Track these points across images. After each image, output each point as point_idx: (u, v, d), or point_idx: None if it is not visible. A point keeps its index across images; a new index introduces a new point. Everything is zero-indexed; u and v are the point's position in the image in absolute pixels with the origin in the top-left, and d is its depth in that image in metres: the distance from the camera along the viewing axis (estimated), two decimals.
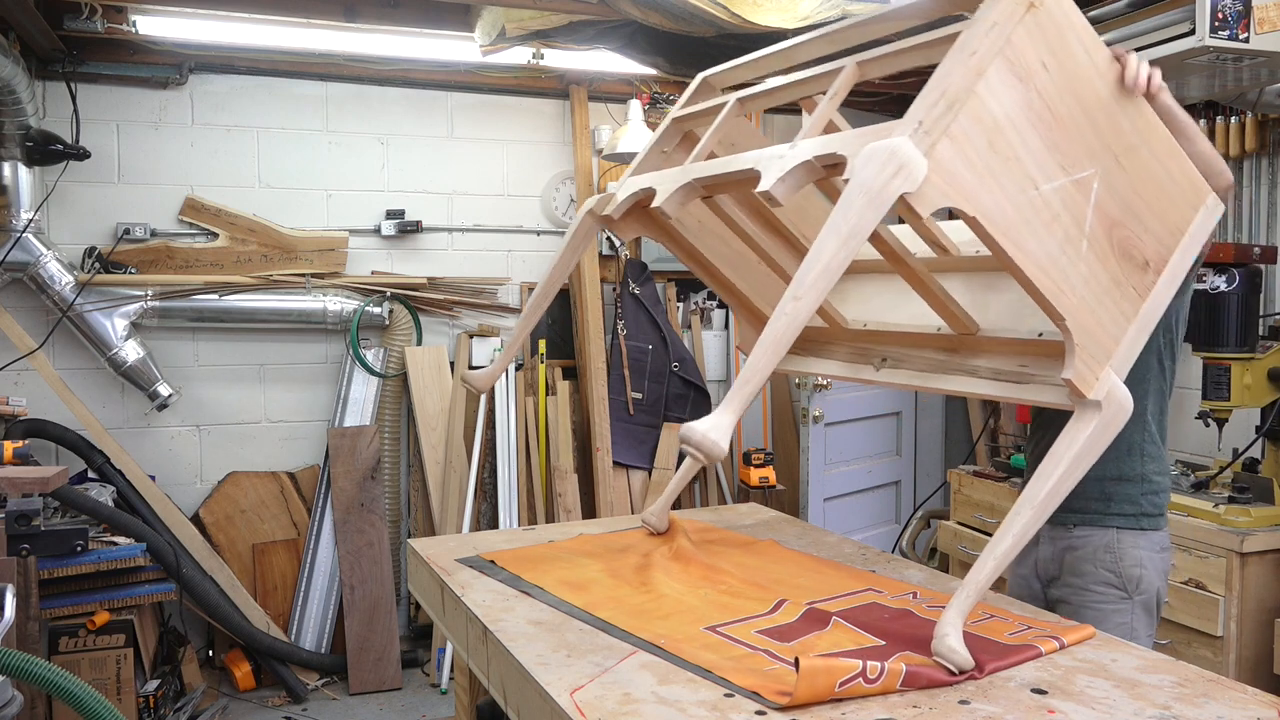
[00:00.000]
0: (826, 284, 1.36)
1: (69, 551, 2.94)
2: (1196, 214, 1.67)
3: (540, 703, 1.51)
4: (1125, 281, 1.60)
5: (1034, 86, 1.46)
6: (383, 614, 4.20)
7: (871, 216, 1.34)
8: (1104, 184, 1.56)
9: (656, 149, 2.15)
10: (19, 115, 3.60)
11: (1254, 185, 3.67)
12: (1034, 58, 1.46)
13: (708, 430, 1.34)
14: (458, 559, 2.22)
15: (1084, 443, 1.57)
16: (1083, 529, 2.13)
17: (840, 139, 1.48)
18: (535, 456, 4.48)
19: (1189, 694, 1.47)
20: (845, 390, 4.66)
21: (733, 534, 2.41)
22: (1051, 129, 1.49)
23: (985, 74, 1.41)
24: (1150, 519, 2.11)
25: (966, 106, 1.40)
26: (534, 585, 2.00)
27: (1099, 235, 1.56)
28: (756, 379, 1.37)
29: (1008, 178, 1.45)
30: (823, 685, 1.41)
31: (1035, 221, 1.48)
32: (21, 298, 3.97)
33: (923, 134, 1.37)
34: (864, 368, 2.06)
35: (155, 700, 3.58)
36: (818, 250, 1.35)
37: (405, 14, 3.91)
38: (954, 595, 1.56)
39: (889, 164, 1.33)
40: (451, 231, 4.62)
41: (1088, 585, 2.11)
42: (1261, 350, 3.16)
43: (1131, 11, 2.79)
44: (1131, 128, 1.59)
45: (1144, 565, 2.09)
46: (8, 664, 1.77)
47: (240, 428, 4.36)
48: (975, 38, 1.41)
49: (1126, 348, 1.61)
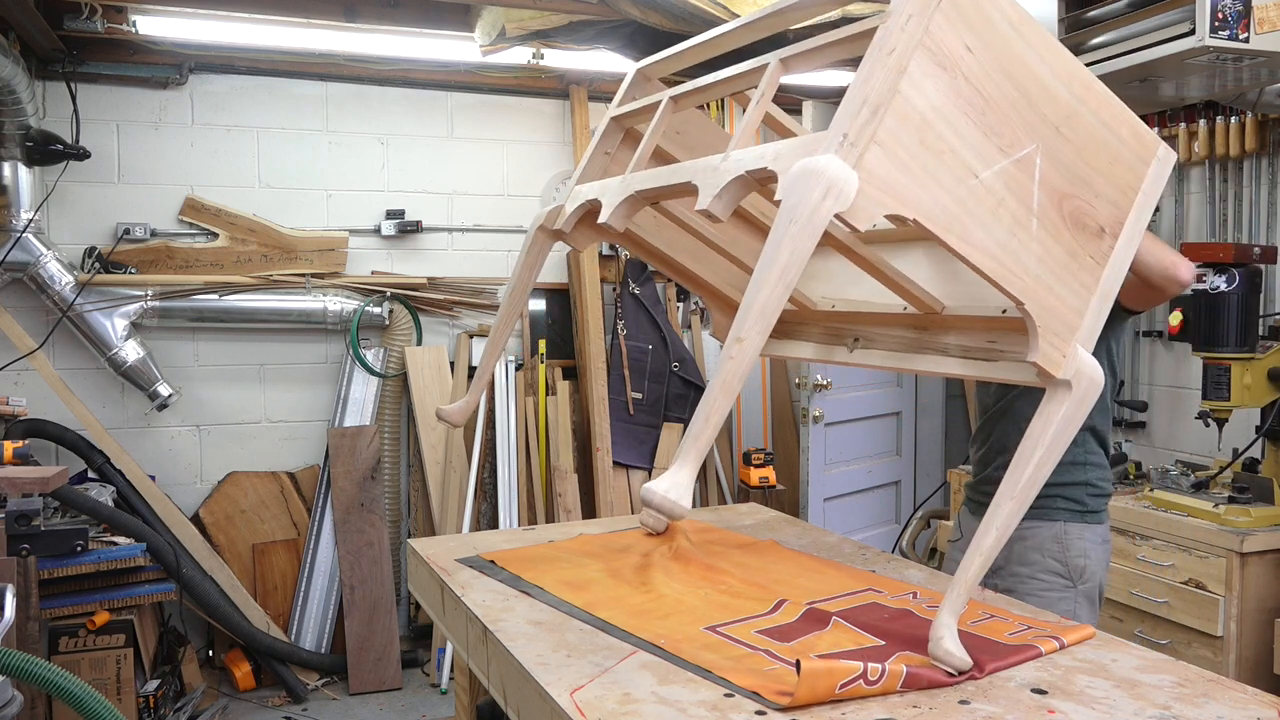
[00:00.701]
0: (768, 321, 1.31)
1: (69, 551, 2.94)
2: (1148, 168, 1.61)
3: (540, 703, 1.51)
4: (1082, 252, 1.55)
5: (960, 73, 1.41)
6: (383, 614, 4.20)
7: (807, 242, 1.30)
8: (1047, 158, 1.51)
9: (599, 151, 2.10)
10: (19, 115, 3.60)
11: (1254, 185, 3.67)
12: (956, 43, 1.40)
13: (667, 491, 1.30)
14: (458, 559, 2.21)
15: (1059, 423, 1.53)
16: (1031, 521, 2.21)
17: (772, 151, 1.43)
18: (535, 456, 4.48)
19: (1189, 694, 1.47)
20: (845, 390, 4.66)
21: (732, 534, 2.41)
22: (984, 113, 1.44)
23: (907, 70, 1.35)
24: (1094, 514, 2.25)
25: (891, 107, 1.35)
26: (534, 585, 2.00)
27: (1049, 211, 1.51)
28: (711, 427, 1.32)
29: (944, 172, 1.40)
30: (823, 687, 1.40)
31: (979, 211, 1.44)
32: (21, 298, 3.97)
33: (849, 147, 1.32)
34: (837, 349, 2.05)
35: (155, 700, 3.58)
36: (756, 286, 1.31)
37: (405, 14, 3.91)
38: (945, 596, 1.56)
39: (817, 186, 1.28)
40: (451, 231, 4.62)
41: (1035, 574, 2.21)
42: (1261, 350, 3.16)
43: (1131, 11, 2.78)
44: (1068, 93, 1.52)
45: (1088, 556, 2.21)
46: (8, 664, 1.77)
47: (240, 428, 4.36)
48: (892, 34, 1.36)
49: (1091, 319, 1.57)
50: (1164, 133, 3.85)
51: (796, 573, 2.07)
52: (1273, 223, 3.64)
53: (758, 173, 1.43)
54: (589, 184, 1.99)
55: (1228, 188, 3.76)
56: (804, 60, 1.60)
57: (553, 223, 2.09)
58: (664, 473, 1.33)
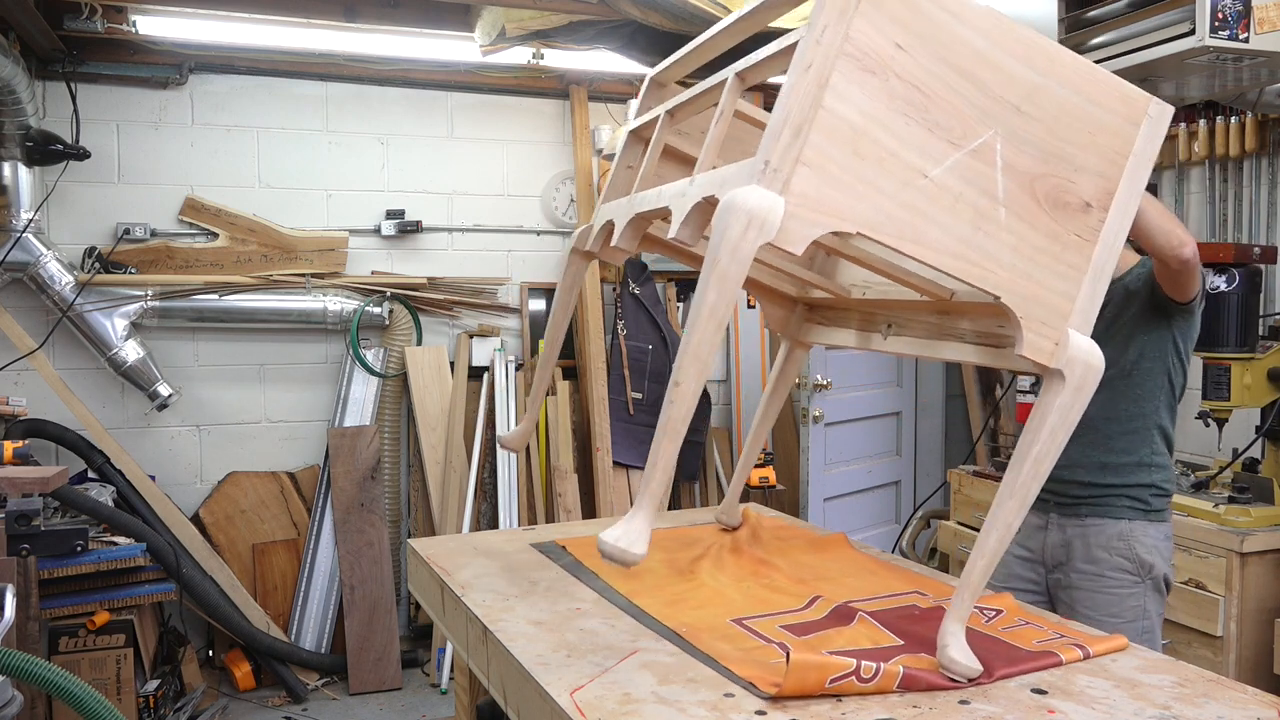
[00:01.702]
0: (704, 363, 1.30)
1: (69, 551, 2.94)
2: (1139, 129, 1.51)
3: (540, 703, 1.51)
4: (1065, 232, 1.48)
5: (892, 73, 1.35)
6: (383, 614, 4.20)
7: (733, 280, 1.28)
8: (1010, 142, 1.43)
9: (622, 165, 2.10)
10: (19, 115, 3.60)
11: (1254, 185, 3.67)
12: (884, 43, 1.34)
13: (618, 540, 1.31)
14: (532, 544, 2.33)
15: (1056, 414, 1.48)
16: (1095, 519, 2.27)
17: (720, 178, 1.41)
18: (535, 456, 4.48)
19: (1189, 694, 1.46)
20: (845, 390, 4.66)
21: (805, 530, 2.46)
22: (927, 110, 1.37)
23: (829, 83, 1.30)
24: (1158, 513, 2.28)
25: (816, 124, 1.30)
26: (590, 572, 2.07)
27: (1018, 196, 1.44)
28: (660, 472, 1.32)
29: (886, 179, 1.35)
30: (812, 680, 1.42)
31: (934, 211, 1.38)
32: (21, 298, 3.96)
33: (772, 174, 1.28)
34: (874, 335, 2.02)
35: (155, 700, 3.58)
36: (689, 329, 1.29)
37: (405, 14, 3.91)
38: (950, 603, 1.55)
39: (736, 221, 1.25)
40: (451, 231, 4.62)
41: (1103, 571, 2.24)
42: (1261, 350, 3.16)
43: (1131, 11, 2.78)
44: (1028, 69, 1.44)
45: (1154, 552, 2.25)
46: (8, 664, 1.77)
47: (240, 428, 4.36)
48: (808, 49, 1.30)
49: (1085, 302, 1.50)
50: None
51: (848, 571, 2.09)
52: (1273, 223, 3.64)
53: (711, 199, 1.41)
54: (610, 203, 2.00)
55: (1228, 188, 3.76)
56: (761, 70, 1.54)
57: (584, 244, 2.11)
58: (618, 521, 1.33)
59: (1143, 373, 2.28)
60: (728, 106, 1.58)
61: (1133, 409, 2.29)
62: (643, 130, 2.05)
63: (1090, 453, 2.28)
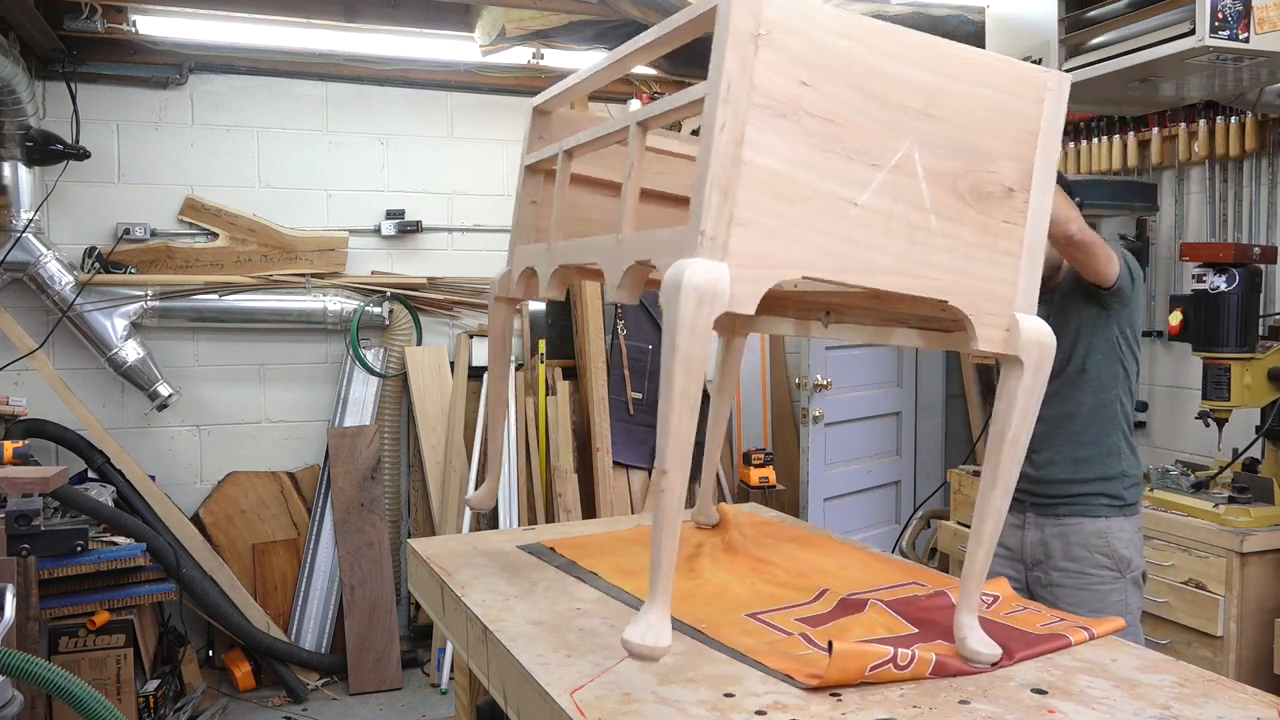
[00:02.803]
0: (686, 448, 1.30)
1: (69, 551, 2.94)
2: (1042, 105, 1.51)
3: (540, 703, 1.51)
4: (995, 221, 1.48)
5: (803, 112, 1.33)
6: (383, 614, 4.20)
7: (697, 361, 1.28)
8: (925, 148, 1.42)
9: (525, 202, 2.09)
10: (19, 115, 3.60)
11: (1254, 185, 3.67)
12: (789, 84, 1.32)
13: (643, 637, 1.31)
14: (519, 545, 2.29)
15: (1021, 398, 1.51)
16: (1073, 517, 2.33)
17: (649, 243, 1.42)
18: (535, 456, 4.48)
19: (1189, 694, 1.47)
20: (845, 390, 4.66)
21: (786, 527, 2.48)
22: (843, 138, 1.36)
23: (745, 139, 1.28)
24: (1131, 506, 2.35)
25: (741, 181, 1.28)
26: (589, 571, 2.07)
27: (944, 199, 1.44)
28: (666, 560, 1.32)
29: (818, 217, 1.35)
30: (854, 668, 1.45)
31: (869, 236, 1.38)
32: (21, 298, 3.97)
33: (709, 242, 1.27)
34: (812, 324, 2.03)
35: (155, 700, 3.58)
36: (664, 417, 1.29)
37: (405, 14, 3.91)
38: (959, 596, 1.59)
39: (688, 299, 1.25)
40: (451, 231, 4.62)
41: (1084, 569, 2.30)
42: (1261, 350, 3.16)
43: (1131, 11, 2.78)
44: (926, 72, 1.42)
45: (1131, 546, 2.32)
46: (8, 664, 1.77)
47: (240, 428, 4.36)
48: (718, 109, 1.28)
49: (1025, 283, 1.51)
50: (1164, 133, 3.85)
51: (845, 565, 2.11)
52: (1273, 223, 3.64)
53: (645, 263, 1.42)
54: (526, 246, 2.00)
55: (1228, 188, 3.76)
56: (661, 119, 1.53)
57: (506, 291, 2.10)
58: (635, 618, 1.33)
59: (1095, 365, 2.35)
60: (637, 160, 1.56)
61: (1093, 400, 2.35)
62: (540, 164, 2.05)
63: (1063, 450, 2.35)
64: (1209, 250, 3.20)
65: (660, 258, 1.37)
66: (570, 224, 2.04)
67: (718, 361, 2.38)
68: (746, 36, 1.29)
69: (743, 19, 1.29)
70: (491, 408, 2.30)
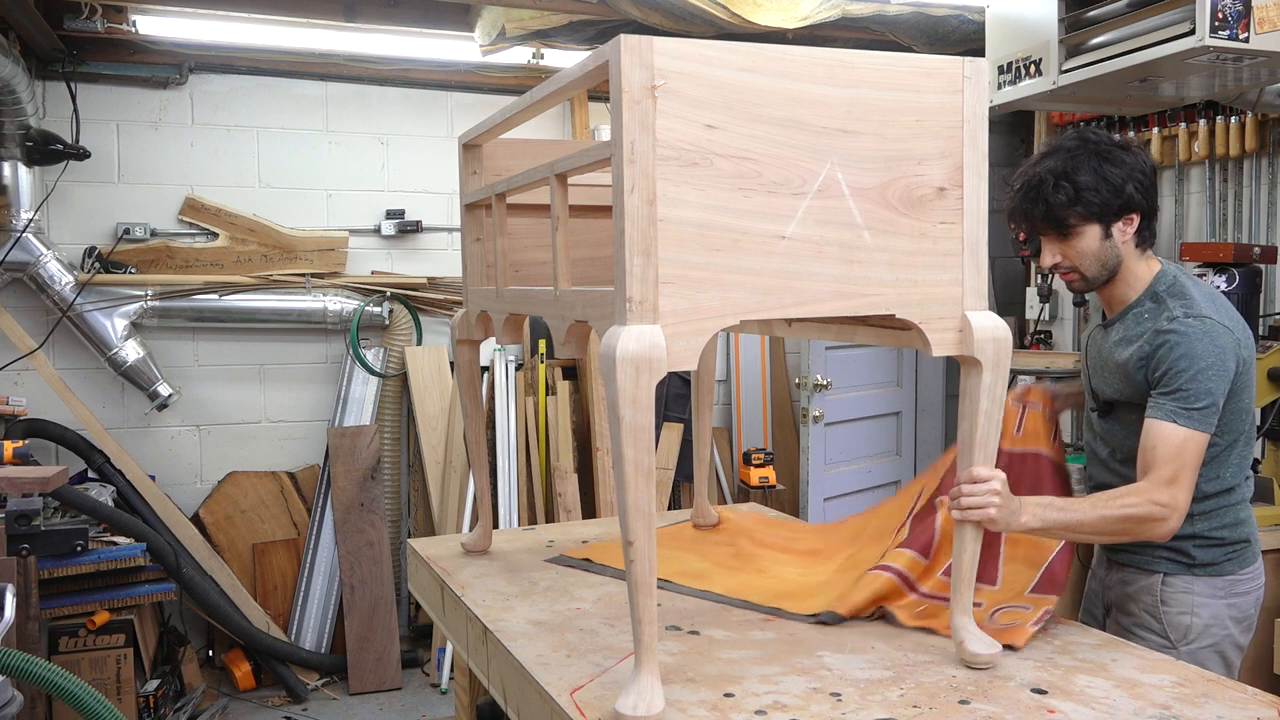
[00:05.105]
0: (648, 517, 1.30)
1: (69, 551, 2.94)
2: (962, 94, 1.48)
3: (540, 703, 1.51)
4: (930, 223, 1.46)
5: (715, 154, 1.31)
6: (383, 614, 4.20)
7: (645, 421, 1.27)
8: (847, 165, 1.40)
9: (470, 239, 2.12)
10: (19, 115, 3.60)
11: (1254, 185, 3.67)
12: (695, 130, 1.29)
13: (635, 707, 1.32)
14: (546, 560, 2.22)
15: (984, 397, 1.51)
16: (1129, 571, 1.94)
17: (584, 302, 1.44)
18: (535, 456, 4.48)
19: (1189, 694, 1.47)
20: (845, 390, 4.66)
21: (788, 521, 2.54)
22: (760, 173, 1.33)
23: (656, 196, 1.27)
24: (1206, 566, 1.86)
25: (660, 238, 1.27)
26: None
27: (875, 212, 1.42)
28: (646, 626, 1.34)
29: (747, 258, 1.33)
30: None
31: (803, 266, 1.37)
32: (21, 298, 3.97)
33: (638, 307, 1.27)
34: (773, 323, 2.03)
35: (155, 700, 3.58)
36: (621, 488, 1.29)
37: (405, 14, 3.91)
38: (951, 601, 1.60)
39: (625, 371, 1.25)
40: (452, 231, 4.61)
41: (1130, 628, 1.92)
42: (1261, 350, 3.16)
43: (1131, 11, 2.78)
44: (836, 88, 1.39)
45: (1195, 613, 1.85)
46: (8, 664, 1.77)
47: (240, 428, 4.36)
48: (625, 172, 1.26)
49: (971, 279, 1.49)
50: (1164, 132, 3.85)
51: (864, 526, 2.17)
52: (1273, 223, 3.64)
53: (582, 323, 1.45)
54: (478, 290, 2.04)
55: (1228, 188, 3.76)
56: (578, 170, 1.53)
57: (467, 333, 2.11)
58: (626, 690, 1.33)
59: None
60: (561, 213, 1.56)
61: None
62: (475, 207, 2.09)
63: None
64: (1209, 250, 3.20)
65: (595, 320, 1.37)
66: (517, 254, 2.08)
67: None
68: (642, 91, 1.26)
69: (634, 74, 1.26)
70: (473, 453, 2.27)
